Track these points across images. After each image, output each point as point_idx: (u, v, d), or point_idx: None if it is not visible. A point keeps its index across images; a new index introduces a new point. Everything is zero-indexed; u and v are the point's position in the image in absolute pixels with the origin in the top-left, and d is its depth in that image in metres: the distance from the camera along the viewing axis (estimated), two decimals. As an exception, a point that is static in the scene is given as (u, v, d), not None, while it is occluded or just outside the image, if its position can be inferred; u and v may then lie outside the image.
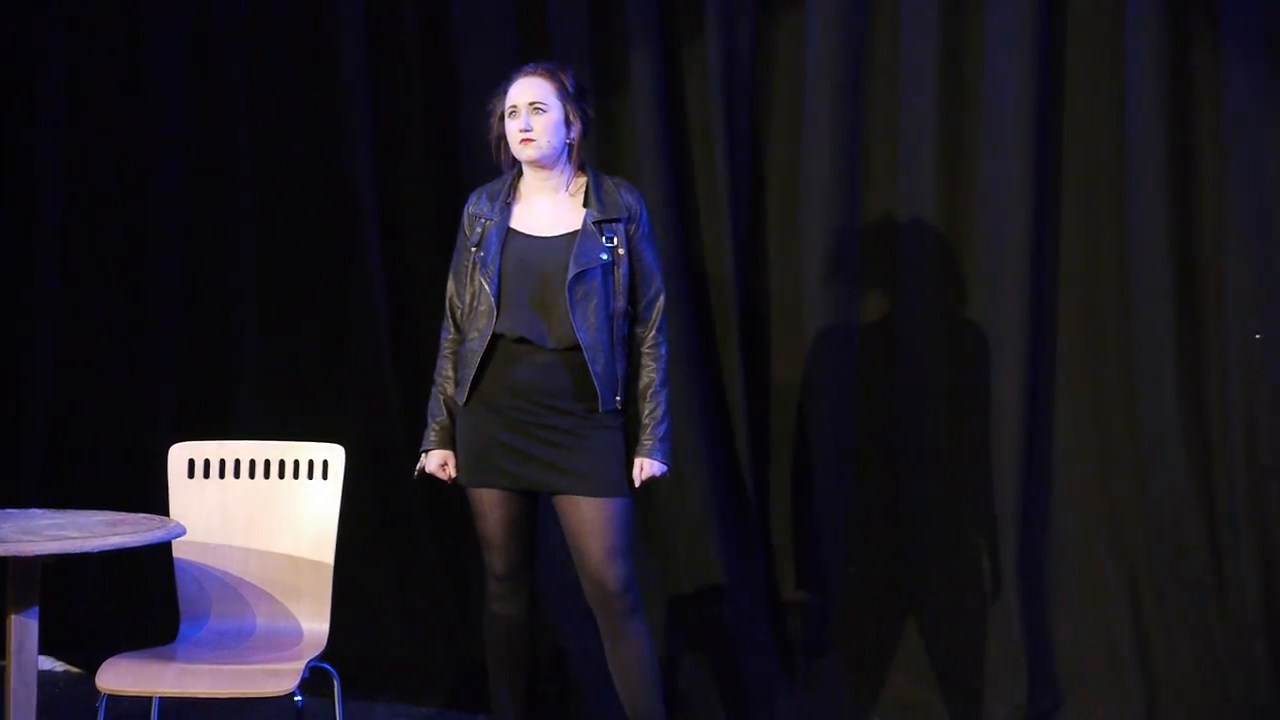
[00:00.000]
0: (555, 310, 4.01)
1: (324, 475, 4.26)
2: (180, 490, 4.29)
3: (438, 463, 4.18)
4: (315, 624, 4.20)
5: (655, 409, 4.09)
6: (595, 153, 4.67)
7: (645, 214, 4.13)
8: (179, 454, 4.31)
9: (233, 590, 4.25)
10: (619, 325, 4.07)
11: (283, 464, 4.30)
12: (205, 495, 4.29)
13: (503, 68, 4.32)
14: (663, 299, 4.13)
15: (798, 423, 4.98)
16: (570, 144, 4.10)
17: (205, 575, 4.25)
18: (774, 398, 5.02)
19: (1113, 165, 4.66)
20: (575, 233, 4.05)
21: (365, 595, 5.09)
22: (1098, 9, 4.65)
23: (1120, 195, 4.64)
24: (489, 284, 4.04)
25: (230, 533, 4.27)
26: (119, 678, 3.84)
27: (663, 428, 4.09)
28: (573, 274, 4.00)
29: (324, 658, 4.08)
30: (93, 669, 3.89)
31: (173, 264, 5.68)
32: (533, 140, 4.04)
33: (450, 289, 4.19)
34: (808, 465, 4.96)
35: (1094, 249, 4.71)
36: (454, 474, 4.17)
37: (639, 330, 4.12)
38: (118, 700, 3.91)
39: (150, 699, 4.21)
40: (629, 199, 4.12)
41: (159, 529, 3.75)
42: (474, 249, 4.11)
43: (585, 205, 4.09)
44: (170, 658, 4.01)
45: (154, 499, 4.43)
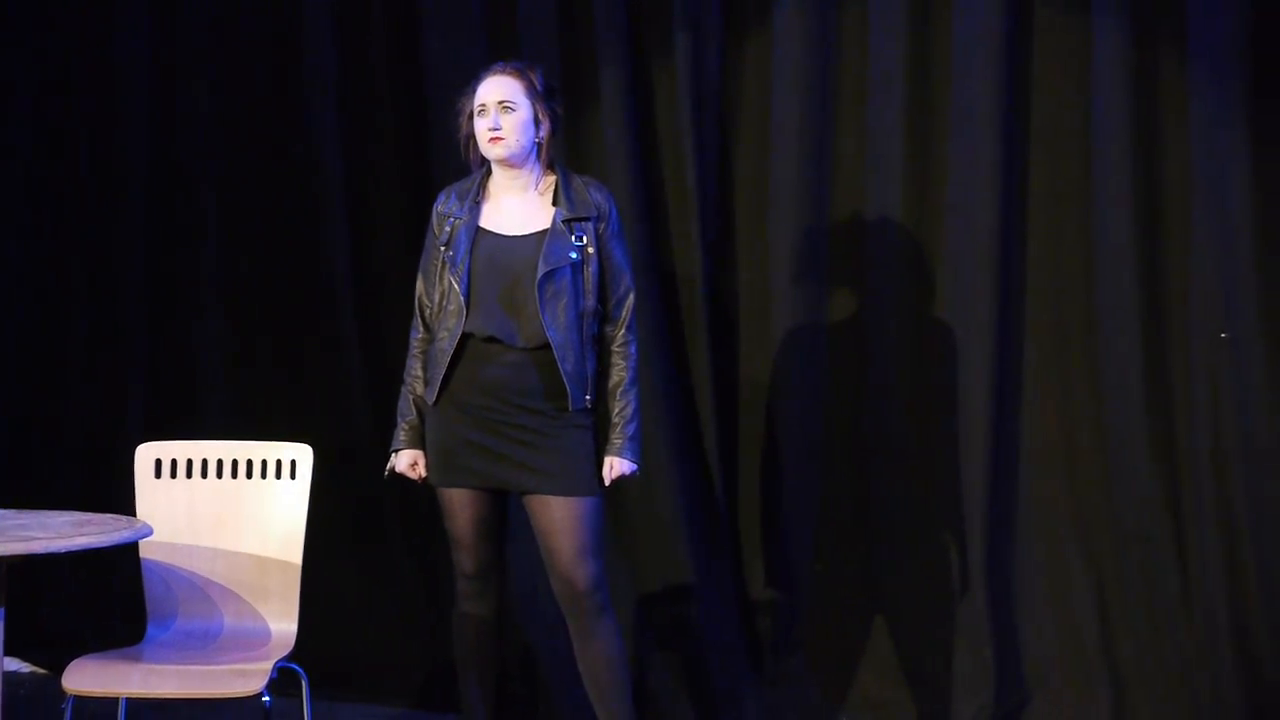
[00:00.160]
0: (525, 309, 4.01)
1: (292, 475, 4.25)
2: (147, 490, 4.27)
3: (407, 462, 4.17)
4: (283, 624, 4.19)
5: (625, 408, 4.09)
6: (564, 153, 4.67)
7: (614, 212, 4.13)
8: (146, 454, 4.29)
9: (200, 591, 4.23)
10: (589, 324, 4.07)
11: (250, 464, 4.28)
12: (172, 495, 4.27)
13: (472, 66, 4.31)
14: (632, 297, 4.13)
15: (766, 422, 4.99)
16: (539, 143, 4.09)
17: (172, 575, 4.23)
18: (742, 397, 5.03)
19: (1078, 168, 4.67)
20: (544, 231, 4.05)
21: (334, 595, 5.07)
22: (1065, 15, 4.67)
23: (1086, 197, 4.65)
24: (458, 283, 4.04)
25: (197, 533, 4.26)
26: (85, 679, 3.82)
27: (632, 426, 4.09)
28: (542, 273, 3.99)
29: (292, 658, 4.07)
30: (59, 670, 3.87)
31: (138, 262, 5.65)
32: (501, 139, 4.04)
33: (419, 288, 4.18)
34: (776, 464, 4.97)
35: (1060, 250, 4.73)
36: (424, 474, 4.17)
37: (609, 329, 4.12)
38: (84, 701, 3.88)
39: (117, 700, 4.19)
40: (598, 197, 4.12)
41: (126, 529, 3.73)
42: (443, 248, 4.10)
43: (554, 204, 4.09)
44: (137, 658, 3.99)
45: (120, 499, 4.41)
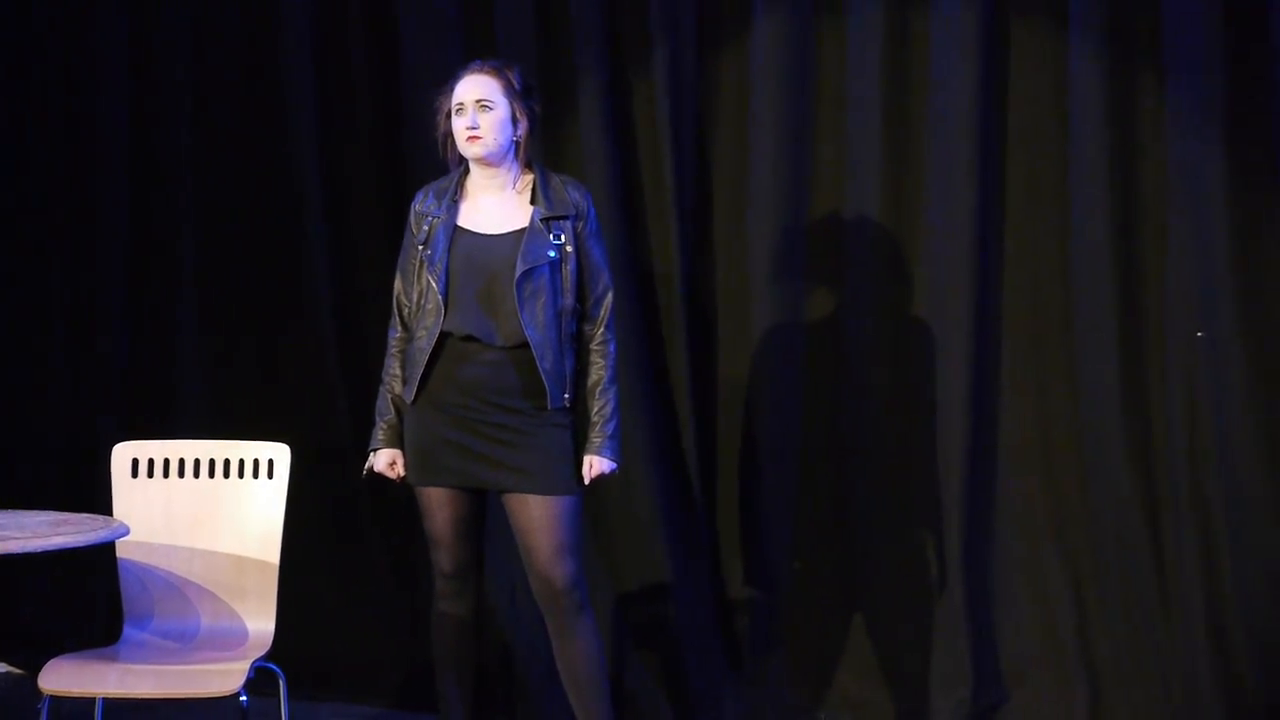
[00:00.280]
0: (503, 308, 4.00)
1: (269, 474, 4.25)
2: (124, 490, 4.25)
3: (386, 462, 4.17)
4: (261, 624, 4.18)
5: (604, 406, 4.10)
6: (543, 152, 4.67)
7: (592, 211, 4.13)
8: (122, 453, 4.28)
9: (177, 590, 4.22)
10: (567, 323, 4.07)
11: (228, 463, 4.27)
12: (149, 495, 4.26)
13: (449, 66, 4.31)
14: (611, 296, 4.13)
15: (744, 421, 4.99)
16: (517, 141, 4.09)
17: (149, 575, 4.22)
18: (721, 397, 5.03)
19: (1055, 168, 4.69)
20: (523, 230, 4.05)
21: (311, 595, 5.07)
22: (1040, 17, 4.68)
23: (1063, 197, 4.67)
24: (436, 282, 4.03)
25: (174, 532, 4.24)
26: (61, 679, 3.81)
27: (612, 425, 4.10)
28: (520, 271, 3.99)
29: (269, 657, 4.06)
30: (35, 670, 3.86)
31: (116, 261, 5.63)
32: (479, 138, 4.04)
33: (397, 287, 4.18)
34: (754, 463, 4.98)
35: (1037, 250, 4.74)
36: (402, 473, 4.16)
37: (587, 328, 4.12)
38: (60, 701, 3.87)
39: (94, 700, 4.18)
40: (576, 196, 4.12)
41: (102, 529, 3.73)
42: (421, 247, 4.10)
43: (532, 202, 4.08)
44: (114, 658, 3.98)
45: (97, 499, 4.40)
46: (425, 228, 4.11)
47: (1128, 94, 4.57)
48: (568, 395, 4.06)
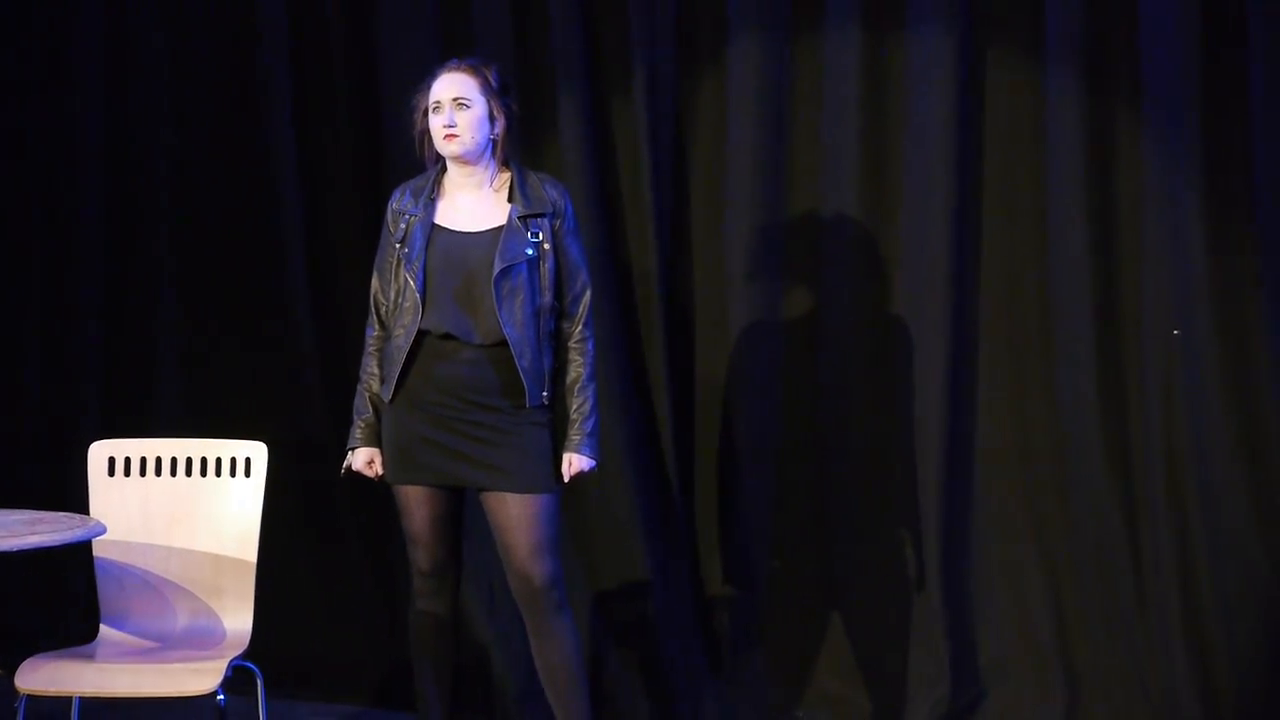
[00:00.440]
0: (481, 306, 4.00)
1: (246, 473, 4.24)
2: (101, 488, 4.25)
3: (364, 460, 4.16)
4: (238, 622, 4.17)
5: (583, 404, 4.10)
6: (521, 152, 4.67)
7: (570, 209, 4.13)
8: (99, 451, 4.27)
9: (154, 589, 4.21)
10: (545, 320, 4.07)
11: (205, 462, 4.27)
12: (126, 493, 4.25)
13: (427, 63, 4.31)
14: (589, 294, 4.13)
15: (722, 420, 4.99)
16: (494, 139, 4.09)
17: (126, 574, 4.21)
18: (699, 396, 5.03)
19: (1033, 172, 4.69)
20: (500, 228, 4.04)
21: (289, 593, 5.06)
22: (1016, 13, 4.70)
23: (1041, 197, 4.67)
24: (414, 280, 4.03)
25: (151, 531, 4.24)
26: (38, 678, 3.80)
27: (590, 422, 4.09)
28: (498, 269, 3.99)
29: (247, 656, 4.06)
30: (11, 669, 3.85)
31: (93, 259, 5.61)
32: (456, 136, 4.03)
33: (374, 286, 4.18)
34: (733, 462, 4.98)
35: (1014, 251, 4.74)
36: (380, 471, 4.16)
37: (565, 325, 4.12)
38: (37, 701, 3.86)
39: (70, 699, 4.17)
40: (553, 194, 4.12)
41: (79, 527, 3.72)
42: (398, 245, 4.09)
43: (510, 200, 4.08)
44: (90, 657, 3.97)
45: (74, 497, 4.38)
46: (402, 226, 4.10)
47: (1105, 97, 4.58)
48: (546, 393, 4.06)
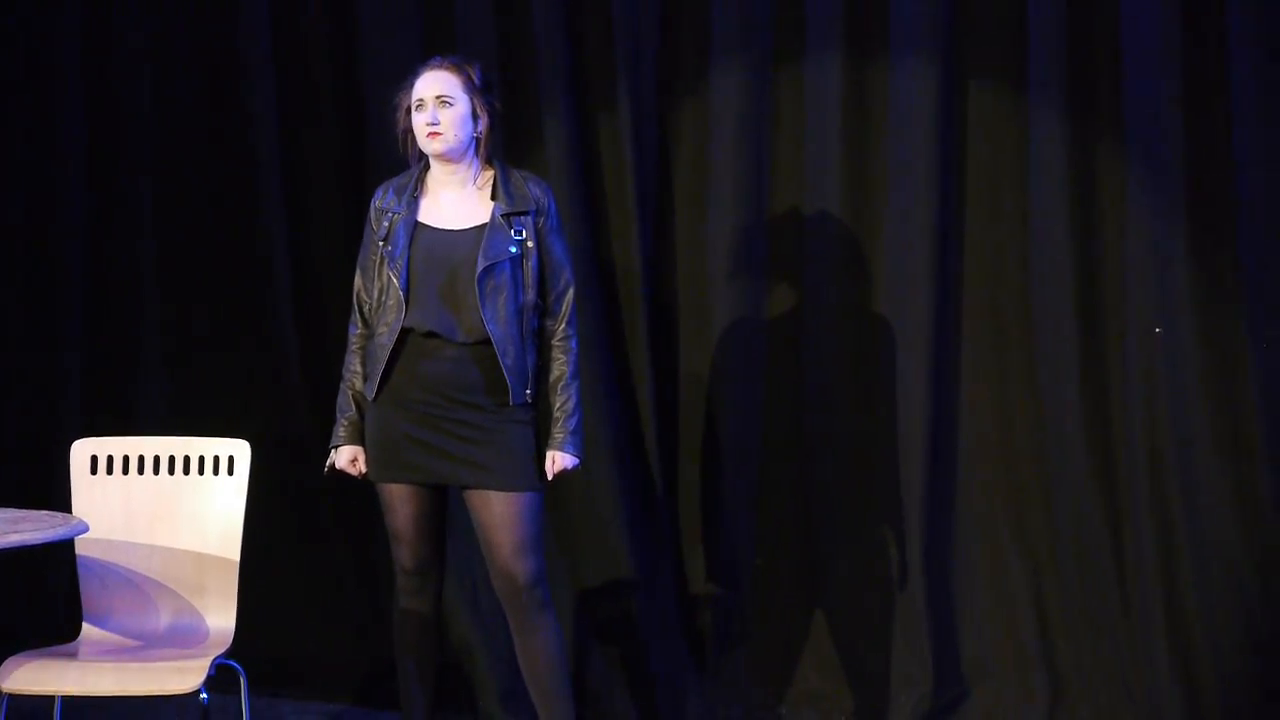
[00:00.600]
0: (465, 304, 4.00)
1: (229, 471, 4.23)
2: (83, 486, 4.23)
3: (347, 458, 4.16)
4: (221, 621, 4.16)
5: (566, 402, 4.10)
6: (504, 149, 4.67)
7: (554, 207, 4.13)
8: (82, 450, 4.26)
9: (137, 588, 4.20)
10: (529, 318, 4.07)
11: (188, 460, 4.26)
12: (109, 491, 4.24)
13: (410, 60, 4.30)
14: (572, 292, 4.13)
15: (706, 418, 5.00)
16: (477, 137, 4.09)
17: (109, 573, 4.20)
18: (682, 394, 5.04)
19: (1015, 168, 4.70)
20: (484, 226, 4.04)
21: (273, 592, 5.04)
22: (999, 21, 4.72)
23: (1023, 196, 4.68)
24: (397, 278, 4.02)
25: (134, 529, 4.23)
26: (20, 678, 3.79)
27: (574, 420, 4.10)
28: (482, 267, 3.99)
29: (230, 655, 4.04)
30: (-7, 668, 3.84)
31: (75, 256, 5.59)
32: (440, 134, 4.03)
33: (357, 284, 4.17)
34: (716, 459, 4.99)
35: (997, 248, 4.76)
36: (364, 469, 4.15)
37: (549, 323, 4.12)
38: (19, 700, 3.85)
39: (53, 698, 4.16)
40: (536, 192, 4.12)
41: (61, 526, 3.70)
42: (381, 243, 4.09)
43: (493, 198, 4.08)
44: (73, 656, 3.96)
45: (56, 495, 4.37)
46: (385, 224, 4.10)
47: (1087, 96, 4.59)
48: (529, 391, 4.06)
